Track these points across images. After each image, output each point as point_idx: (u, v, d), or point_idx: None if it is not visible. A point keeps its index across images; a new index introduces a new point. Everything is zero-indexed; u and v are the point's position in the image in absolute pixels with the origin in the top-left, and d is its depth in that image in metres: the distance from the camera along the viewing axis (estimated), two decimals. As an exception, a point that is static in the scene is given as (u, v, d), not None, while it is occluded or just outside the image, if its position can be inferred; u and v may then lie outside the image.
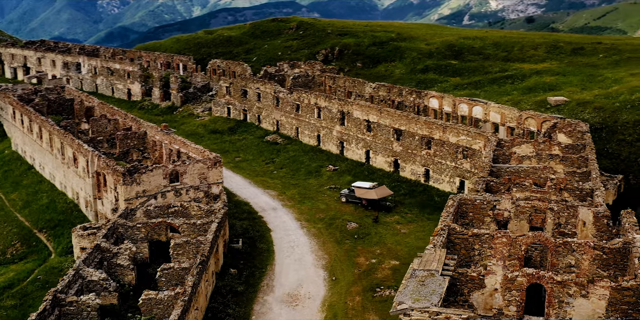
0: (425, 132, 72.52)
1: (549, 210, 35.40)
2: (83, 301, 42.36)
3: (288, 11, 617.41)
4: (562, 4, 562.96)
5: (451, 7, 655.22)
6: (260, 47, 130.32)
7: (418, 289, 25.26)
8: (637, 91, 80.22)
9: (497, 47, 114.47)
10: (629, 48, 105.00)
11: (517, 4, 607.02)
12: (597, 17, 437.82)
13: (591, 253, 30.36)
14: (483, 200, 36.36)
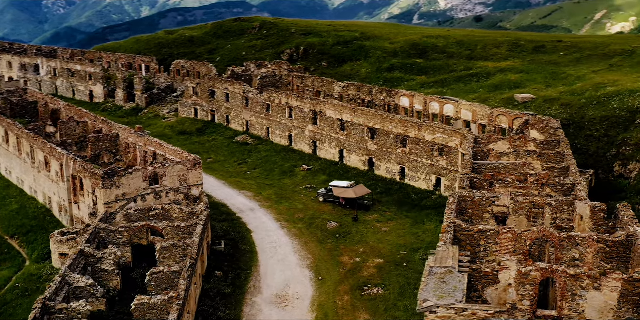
0: (401, 131, 73.00)
1: (548, 205, 36.07)
2: (73, 308, 41.35)
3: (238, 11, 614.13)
4: (508, 3, 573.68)
5: (401, 7, 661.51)
6: (224, 47, 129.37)
7: (439, 286, 25.44)
8: (602, 88, 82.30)
9: (461, 46, 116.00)
10: (589, 46, 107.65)
11: (466, 3, 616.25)
12: (543, 16, 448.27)
13: (595, 246, 31.08)
14: (482, 196, 36.82)
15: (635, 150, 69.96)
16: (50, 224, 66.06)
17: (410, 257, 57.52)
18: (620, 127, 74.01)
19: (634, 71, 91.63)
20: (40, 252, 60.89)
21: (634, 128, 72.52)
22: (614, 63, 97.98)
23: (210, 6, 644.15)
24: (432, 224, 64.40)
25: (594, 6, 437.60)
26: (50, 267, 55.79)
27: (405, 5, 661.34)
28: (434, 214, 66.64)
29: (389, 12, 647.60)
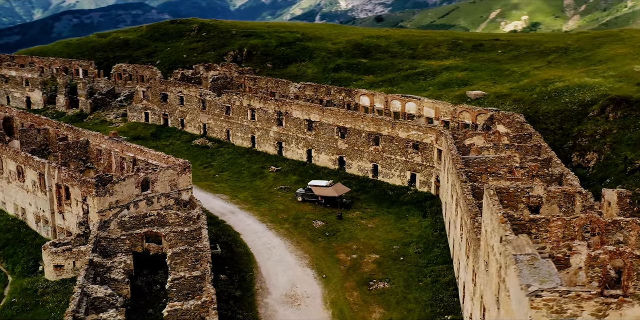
0: (373, 129, 74.66)
1: (578, 193, 38.53)
2: (104, 318, 40.52)
3: (137, 13, 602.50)
4: (407, 3, 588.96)
5: (303, 7, 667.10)
6: (163, 50, 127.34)
7: (533, 272, 27.02)
8: (550, 83, 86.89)
9: (402, 45, 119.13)
10: (525, 44, 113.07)
11: (366, 3, 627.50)
12: (442, 16, 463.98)
13: (638, 229, 33.70)
14: (517, 187, 38.84)
15: (591, 141, 74.31)
16: (27, 236, 63.77)
17: (404, 251, 59.24)
18: (574, 120, 78.41)
19: (572, 67, 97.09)
20: (23, 265, 58.71)
21: (587, 120, 76.99)
22: (551, 60, 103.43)
23: (107, 8, 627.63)
24: (415, 219, 66.47)
25: (489, 6, 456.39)
26: (44, 280, 53.96)
27: (307, 6, 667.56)
28: (414, 208, 68.75)
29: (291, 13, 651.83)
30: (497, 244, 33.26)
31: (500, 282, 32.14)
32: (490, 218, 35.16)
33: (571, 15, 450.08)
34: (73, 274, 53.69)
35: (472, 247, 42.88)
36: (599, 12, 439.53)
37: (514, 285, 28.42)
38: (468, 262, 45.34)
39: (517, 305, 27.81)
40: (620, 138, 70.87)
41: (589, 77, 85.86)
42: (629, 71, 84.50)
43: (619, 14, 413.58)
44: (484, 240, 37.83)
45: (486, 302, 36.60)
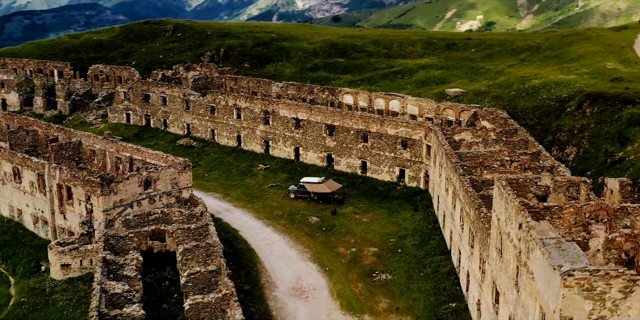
0: (362, 126, 76.47)
1: (583, 182, 40.82)
2: (128, 313, 41.50)
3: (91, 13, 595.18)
4: (363, 3, 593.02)
5: (259, 8, 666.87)
6: (138, 51, 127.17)
7: (562, 254, 29.00)
8: (527, 81, 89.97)
9: (378, 45, 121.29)
10: (497, 42, 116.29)
11: (322, 3, 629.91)
12: (398, 16, 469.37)
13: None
14: (525, 178, 40.95)
15: (569, 135, 77.36)
16: (25, 238, 63.85)
17: (401, 243, 61.15)
18: (552, 116, 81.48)
19: (544, 65, 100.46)
20: (24, 266, 58.87)
21: (565, 116, 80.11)
22: (523, 58, 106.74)
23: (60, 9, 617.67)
24: (407, 213, 68.48)
25: (445, 6, 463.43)
26: (51, 279, 54.29)
27: (264, 6, 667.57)
28: (405, 203, 70.77)
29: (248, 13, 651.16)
30: (514, 231, 35.27)
31: (520, 266, 34.16)
32: (505, 207, 37.17)
33: (525, 15, 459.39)
34: (80, 272, 54.19)
35: (479, 237, 44.92)
36: (552, 12, 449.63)
37: (539, 267, 30.42)
38: (473, 251, 47.39)
39: (545, 286, 29.81)
40: (598, 132, 73.99)
41: (563, 75, 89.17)
42: (601, 68, 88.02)
43: (571, 13, 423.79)
44: (495, 229, 39.85)
45: (500, 287, 38.63)
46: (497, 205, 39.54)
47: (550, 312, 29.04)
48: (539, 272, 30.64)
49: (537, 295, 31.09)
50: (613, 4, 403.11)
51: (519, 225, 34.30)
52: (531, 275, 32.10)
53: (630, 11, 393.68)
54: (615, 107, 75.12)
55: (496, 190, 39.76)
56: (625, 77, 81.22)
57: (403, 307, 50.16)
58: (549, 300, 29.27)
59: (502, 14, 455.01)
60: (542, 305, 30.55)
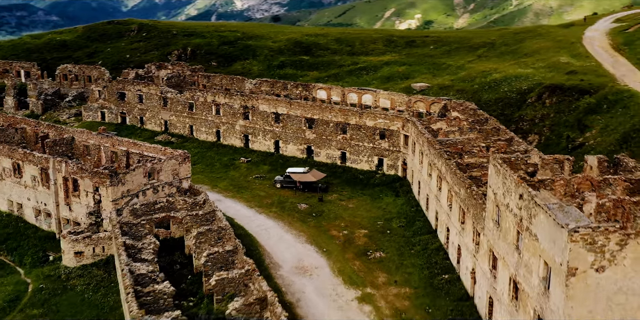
0: (341, 119, 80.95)
1: (567, 160, 46.16)
2: (160, 289, 44.85)
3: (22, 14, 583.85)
4: (302, 3, 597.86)
5: (198, 8, 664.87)
6: (103, 51, 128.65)
7: (566, 215, 33.96)
8: (488, 75, 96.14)
9: (341, 43, 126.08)
10: (453, 40, 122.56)
11: (262, 3, 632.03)
12: (338, 15, 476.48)
13: (623, 184, 41.51)
14: (517, 157, 45.99)
15: (531, 124, 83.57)
16: (28, 230, 66.04)
17: (389, 225, 65.86)
18: (514, 107, 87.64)
19: (501, 60, 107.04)
20: (32, 256, 61.23)
21: (526, 107, 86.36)
22: (480, 54, 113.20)
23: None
24: (389, 198, 73.27)
25: (383, 5, 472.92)
26: (65, 267, 56.95)
27: (202, 6, 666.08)
28: (386, 189, 75.56)
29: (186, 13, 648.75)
30: (514, 202, 40.29)
31: (521, 232, 39.17)
32: (503, 182, 42.19)
33: (461, 14, 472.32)
34: (93, 259, 57.08)
35: (472, 212, 49.96)
36: (488, 10, 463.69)
37: (544, 228, 35.43)
38: (464, 226, 52.42)
39: (550, 244, 34.83)
40: (558, 121, 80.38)
41: (521, 69, 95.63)
42: (556, 62, 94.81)
43: (506, 12, 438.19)
44: (491, 202, 44.85)
45: (498, 253, 43.64)
46: (492, 181, 44.55)
47: (557, 265, 34.06)
48: (544, 233, 35.64)
49: (542, 253, 36.11)
50: (545, 2, 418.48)
51: (519, 196, 39.31)
52: (534, 237, 37.10)
53: (561, 10, 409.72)
54: (573, 97, 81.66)
55: (492, 168, 44.77)
56: (579, 70, 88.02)
57: (400, 280, 54.80)
58: (555, 255, 34.29)
59: (440, 12, 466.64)
60: (546, 261, 35.57)
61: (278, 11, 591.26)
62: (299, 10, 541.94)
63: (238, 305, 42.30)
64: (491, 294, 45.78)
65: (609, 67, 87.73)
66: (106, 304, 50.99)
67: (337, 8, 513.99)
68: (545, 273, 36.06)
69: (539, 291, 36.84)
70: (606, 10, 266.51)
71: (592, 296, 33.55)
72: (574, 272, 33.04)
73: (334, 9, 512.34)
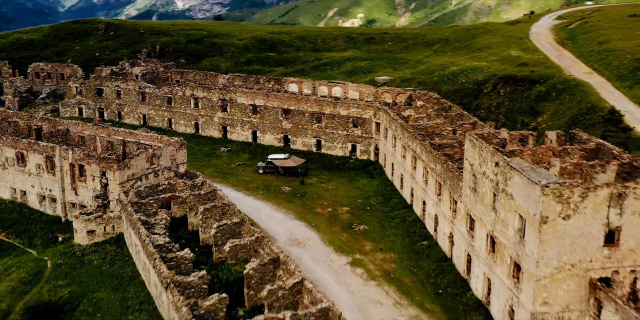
0: (316, 109, 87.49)
1: (531, 135, 53.79)
2: (181, 255, 50.60)
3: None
4: (244, 2, 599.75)
5: (138, 8, 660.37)
6: (72, 49, 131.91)
7: (537, 175, 41.21)
8: (447, 68, 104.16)
9: (303, 40, 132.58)
10: (410, 36, 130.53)
11: (203, 3, 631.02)
12: (282, 15, 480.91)
13: (579, 153, 49.13)
14: (489, 133, 53.33)
15: (488, 112, 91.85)
16: (33, 215, 70.39)
17: (368, 203, 72.76)
18: (471, 96, 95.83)
19: (456, 55, 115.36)
20: (42, 238, 65.86)
21: (482, 96, 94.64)
22: (436, 49, 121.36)
23: None
24: (364, 180, 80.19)
25: (326, 4, 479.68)
26: (78, 245, 61.85)
27: (142, 6, 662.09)
28: (361, 172, 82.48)
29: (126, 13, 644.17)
30: (490, 169, 47.62)
31: (498, 193, 46.49)
32: (479, 153, 49.52)
33: (403, 13, 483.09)
34: (104, 237, 62.17)
35: (449, 184, 57.24)
36: (428, 9, 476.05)
37: (520, 187, 42.75)
38: (441, 197, 59.69)
39: (525, 199, 42.19)
40: (512, 108, 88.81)
41: (476, 62, 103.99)
42: (507, 56, 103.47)
43: (446, 11, 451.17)
44: (468, 173, 52.14)
45: (476, 215, 50.96)
46: (469, 154, 51.85)
47: (531, 216, 41.45)
48: (518, 191, 43.00)
49: (517, 209, 43.48)
50: (484, 2, 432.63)
51: (495, 164, 46.66)
52: (510, 196, 44.47)
53: (499, 8, 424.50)
54: (524, 87, 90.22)
55: (468, 143, 52.08)
56: (529, 62, 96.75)
57: (385, 247, 61.72)
58: (529, 208, 41.68)
59: (382, 11, 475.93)
60: (521, 214, 42.95)
61: (220, 11, 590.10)
62: (241, 10, 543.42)
63: (255, 266, 48.39)
64: (469, 251, 53.12)
65: (555, 60, 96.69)
66: (124, 274, 56.23)
67: (280, 8, 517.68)
68: (520, 225, 43.45)
69: (515, 241, 44.23)
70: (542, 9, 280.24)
71: (560, 240, 41.07)
72: (546, 220, 40.47)
73: (277, 8, 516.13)
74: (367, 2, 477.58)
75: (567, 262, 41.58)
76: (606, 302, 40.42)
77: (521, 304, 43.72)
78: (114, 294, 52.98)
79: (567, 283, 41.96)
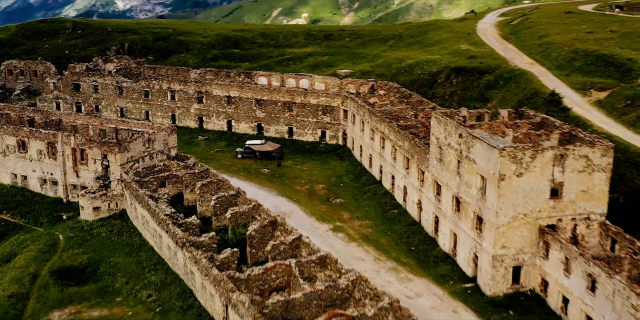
0: (288, 99, 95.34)
1: (486, 113, 62.90)
2: (190, 221, 57.89)
3: None
4: (187, 3, 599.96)
5: (77, 8, 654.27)
6: (41, 47, 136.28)
7: (495, 141, 50.00)
8: (403, 61, 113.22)
9: (265, 37, 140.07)
10: (366, 33, 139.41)
11: (145, 3, 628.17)
12: (226, 15, 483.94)
13: (527, 126, 58.28)
14: (451, 111, 62.16)
15: (442, 100, 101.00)
16: (35, 197, 76.33)
17: (341, 180, 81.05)
18: (427, 86, 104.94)
19: (410, 49, 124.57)
20: (47, 217, 72.04)
21: (437, 86, 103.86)
22: (391, 44, 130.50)
23: None
24: (335, 162, 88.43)
25: (271, 4, 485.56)
26: (85, 220, 68.32)
27: (82, 7, 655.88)
28: (331, 155, 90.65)
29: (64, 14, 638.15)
30: (454, 141, 56.42)
31: (462, 160, 55.31)
32: (444, 128, 58.32)
33: (347, 12, 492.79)
34: (108, 213, 68.83)
35: (416, 158, 65.96)
36: (372, 9, 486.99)
37: (481, 152, 51.62)
38: (409, 170, 68.38)
39: (485, 162, 51.08)
40: (464, 96, 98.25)
41: (429, 55, 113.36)
42: (457, 49, 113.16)
43: (389, 10, 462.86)
44: (434, 145, 60.89)
45: (442, 181, 59.74)
46: (435, 129, 60.61)
47: (491, 176, 50.35)
48: (480, 156, 51.88)
49: (479, 171, 52.37)
50: (425, 1, 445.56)
51: (459, 135, 55.51)
52: (472, 161, 53.34)
53: (441, 8, 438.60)
54: (475, 77, 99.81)
55: (434, 120, 60.86)
56: (478, 55, 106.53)
57: (361, 216, 70.09)
58: (489, 169, 50.58)
59: (326, 11, 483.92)
60: (482, 175, 51.85)
61: (162, 12, 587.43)
62: (184, 11, 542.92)
63: (256, 227, 56.06)
64: (437, 213, 61.92)
65: (501, 52, 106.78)
66: (133, 242, 63.12)
67: (223, 8, 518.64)
68: (482, 184, 52.35)
69: (477, 198, 53.14)
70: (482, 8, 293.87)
71: (515, 194, 50.07)
72: (503, 177, 49.41)
73: (221, 8, 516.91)
74: (312, 2, 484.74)
75: (521, 213, 50.63)
76: (553, 243, 49.65)
77: (484, 250, 52.67)
78: (128, 258, 59.87)
79: (521, 230, 51.02)
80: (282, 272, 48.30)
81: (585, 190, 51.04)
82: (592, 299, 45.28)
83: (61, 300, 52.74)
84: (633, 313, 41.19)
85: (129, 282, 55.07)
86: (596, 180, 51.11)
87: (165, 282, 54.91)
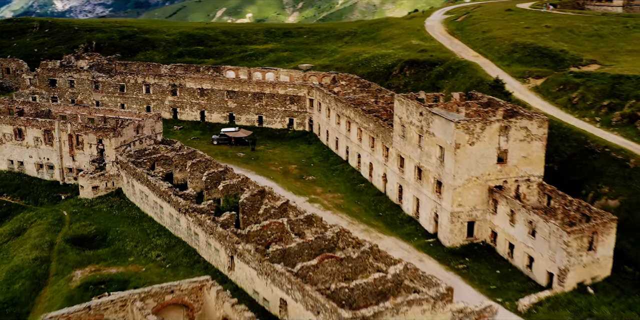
0: (257, 90, 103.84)
1: (441, 95, 72.83)
2: (187, 193, 66.03)
3: None
4: (128, 3, 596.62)
5: (13, 9, 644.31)
6: (10, 46, 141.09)
7: (452, 116, 59.83)
8: (359, 55, 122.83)
9: (227, 35, 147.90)
10: (323, 30, 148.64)
11: (84, 4, 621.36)
12: (169, 15, 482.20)
13: (476, 105, 68.47)
14: (410, 95, 71.80)
15: (397, 90, 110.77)
16: (33, 180, 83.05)
17: (311, 161, 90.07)
18: (383, 78, 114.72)
19: (365, 45, 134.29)
20: (46, 197, 79.02)
21: (392, 77, 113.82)
22: (347, 40, 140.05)
23: None
24: (304, 146, 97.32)
25: (215, 4, 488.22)
26: (85, 199, 75.56)
27: (18, 8, 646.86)
28: (300, 140, 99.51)
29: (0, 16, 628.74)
30: (415, 118, 66.12)
31: (422, 134, 65.02)
32: (406, 108, 68.00)
33: (291, 12, 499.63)
34: (105, 191, 76.22)
35: (381, 137, 75.49)
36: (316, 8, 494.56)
37: (439, 126, 61.37)
38: (374, 148, 77.89)
39: (443, 134, 60.84)
40: (417, 86, 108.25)
41: (383, 50, 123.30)
42: (409, 44, 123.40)
43: (334, 10, 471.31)
44: (398, 124, 70.51)
45: (405, 154, 69.39)
46: (398, 110, 70.24)
47: (448, 145, 60.15)
48: (438, 129, 61.65)
49: (438, 142, 62.14)
50: (369, 1, 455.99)
51: (419, 114, 65.23)
52: (432, 135, 63.09)
53: (384, 7, 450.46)
54: (426, 68, 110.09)
55: (396, 102, 70.50)
56: (428, 49, 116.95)
57: (332, 189, 79.23)
58: (447, 140, 60.37)
59: (271, 11, 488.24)
60: (441, 145, 61.65)
61: (102, 12, 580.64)
62: (125, 11, 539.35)
63: (247, 196, 64.57)
64: (400, 183, 71.56)
65: (448, 46, 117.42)
66: (134, 215, 70.81)
67: (166, 8, 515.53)
68: (440, 153, 62.13)
69: (436, 165, 62.92)
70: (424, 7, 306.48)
71: (468, 160, 59.96)
72: (459, 146, 59.27)
73: (164, 9, 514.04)
74: (255, 3, 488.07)
75: (473, 176, 60.59)
76: (500, 200, 59.77)
77: (443, 209, 62.49)
78: (132, 227, 67.66)
79: (473, 190, 60.99)
80: (276, 229, 57.09)
81: (525, 156, 61.33)
82: (533, 241, 55.52)
83: (80, 261, 60.22)
84: (565, 248, 51.50)
85: (137, 246, 62.89)
86: (534, 147, 61.47)
87: (170, 245, 62.99)
